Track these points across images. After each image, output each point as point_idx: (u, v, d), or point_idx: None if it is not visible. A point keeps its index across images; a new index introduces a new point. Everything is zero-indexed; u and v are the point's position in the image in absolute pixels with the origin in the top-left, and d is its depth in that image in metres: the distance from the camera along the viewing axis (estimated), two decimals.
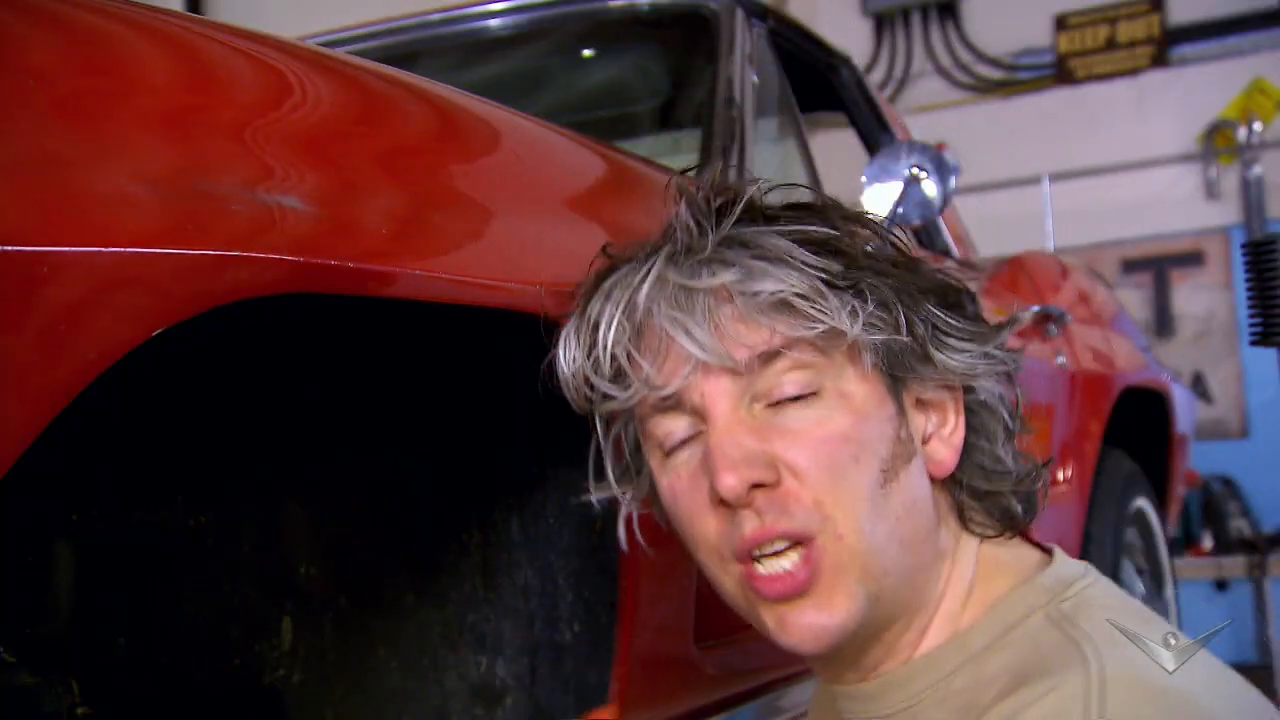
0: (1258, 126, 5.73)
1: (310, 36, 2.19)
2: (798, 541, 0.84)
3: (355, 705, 1.34)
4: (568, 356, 0.90)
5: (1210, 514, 5.54)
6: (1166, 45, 5.98)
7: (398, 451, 1.32)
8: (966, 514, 0.91)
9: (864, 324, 0.82)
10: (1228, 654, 3.90)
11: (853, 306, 0.82)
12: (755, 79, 1.94)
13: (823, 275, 0.82)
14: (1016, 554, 0.93)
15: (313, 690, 1.32)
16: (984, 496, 0.90)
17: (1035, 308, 2.64)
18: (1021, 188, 5.61)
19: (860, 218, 0.89)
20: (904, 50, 6.38)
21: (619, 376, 0.87)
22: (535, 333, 1.12)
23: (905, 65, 6.33)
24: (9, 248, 0.68)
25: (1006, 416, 0.91)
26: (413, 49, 2.32)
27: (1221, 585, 5.23)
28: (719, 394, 0.84)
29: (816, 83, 2.44)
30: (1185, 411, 3.53)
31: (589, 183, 1.36)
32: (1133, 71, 6.01)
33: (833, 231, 0.85)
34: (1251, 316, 2.17)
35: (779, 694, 1.58)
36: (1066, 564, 0.92)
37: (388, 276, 0.94)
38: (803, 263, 0.82)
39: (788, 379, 0.83)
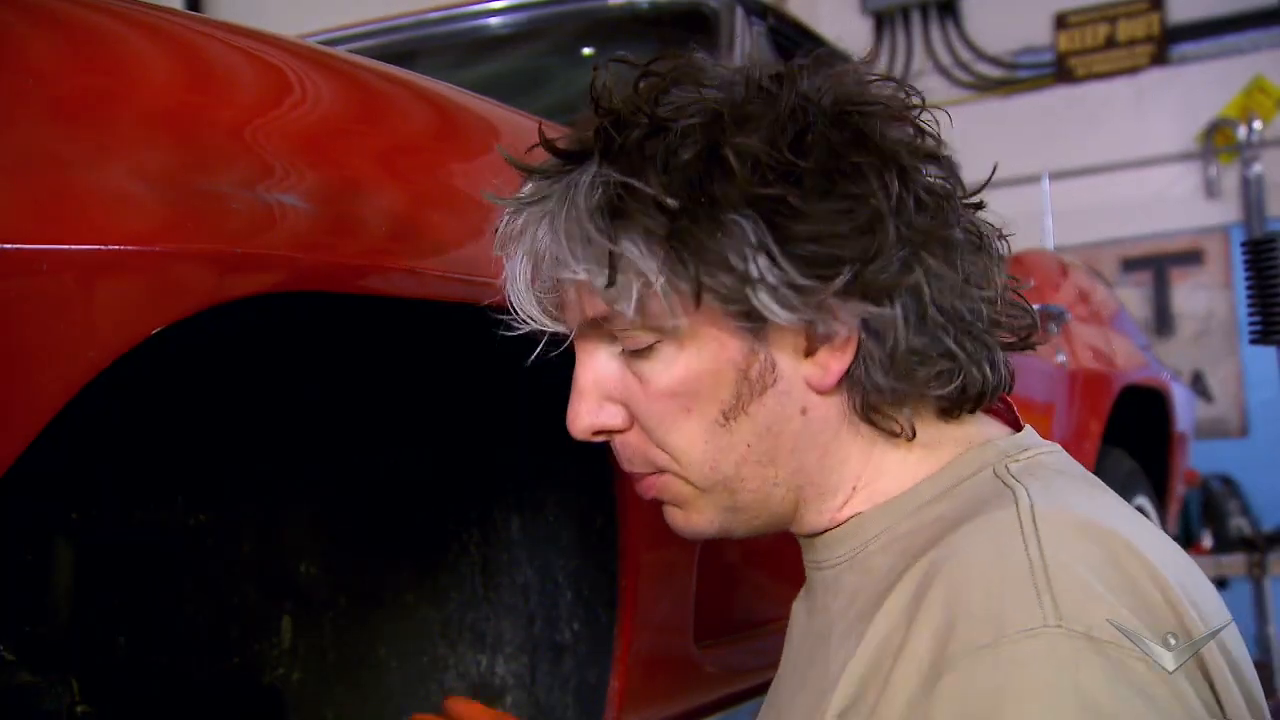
0: (1257, 125, 5.73)
1: (310, 35, 2.19)
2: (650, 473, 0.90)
3: (355, 704, 1.34)
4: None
5: (1210, 513, 5.54)
6: (1166, 44, 5.98)
7: (397, 451, 1.32)
8: (869, 412, 0.86)
9: (640, 303, 0.81)
10: None
11: (638, 285, 0.80)
12: None
13: (611, 250, 0.80)
14: (971, 429, 0.90)
15: (313, 689, 1.32)
16: (892, 394, 0.85)
17: (1036, 306, 2.63)
18: (1021, 186, 5.62)
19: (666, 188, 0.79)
20: (904, 48, 6.38)
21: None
22: (534, 330, 1.12)
23: (905, 63, 6.33)
24: (8, 245, 0.68)
25: (900, 330, 0.82)
26: (412, 47, 2.32)
27: (1221, 583, 5.21)
28: (581, 347, 0.89)
29: None
30: (1185, 410, 3.53)
31: None
32: (1132, 70, 6.02)
33: (647, 187, 0.79)
34: (1251, 315, 2.17)
35: None
36: (1033, 436, 0.91)
37: (387, 274, 0.94)
38: (592, 241, 0.80)
39: (621, 337, 0.86)
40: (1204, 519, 5.51)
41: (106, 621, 1.14)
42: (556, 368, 1.17)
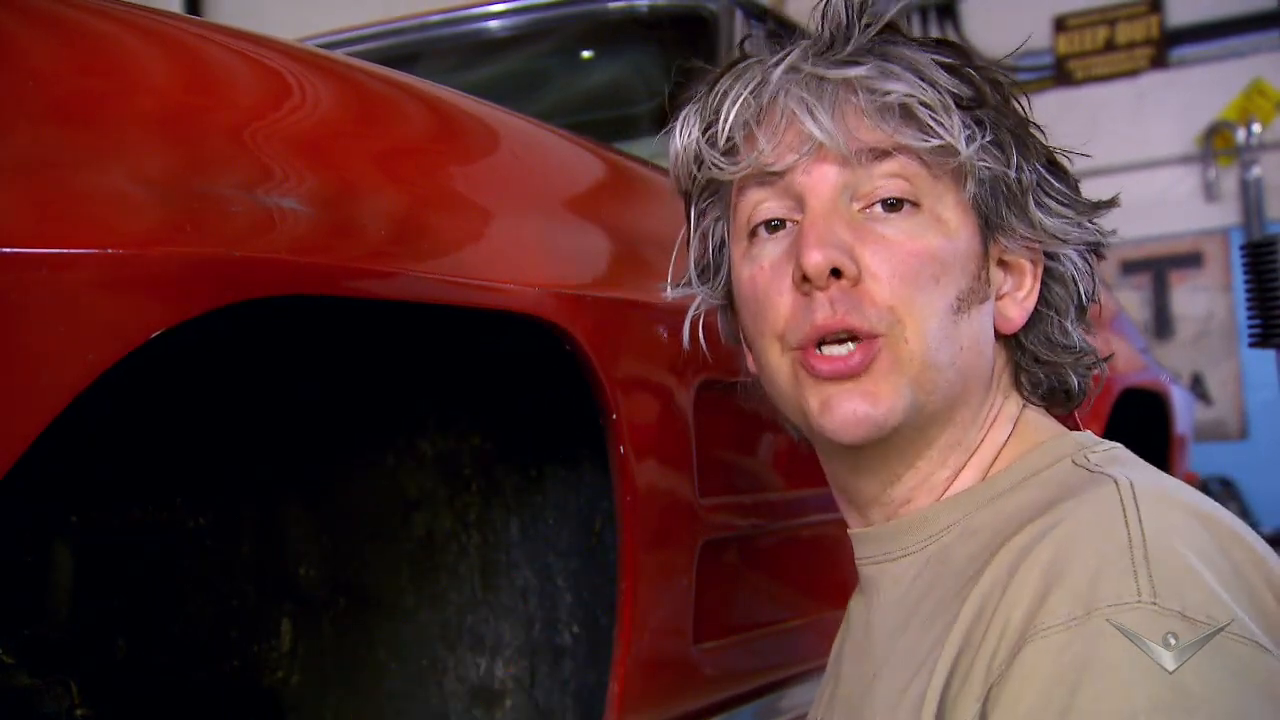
0: (1257, 128, 5.74)
1: (309, 38, 2.20)
2: (863, 337, 0.87)
3: (354, 707, 1.34)
4: (684, 130, 0.94)
5: None
6: (1165, 47, 5.98)
7: (397, 452, 1.32)
8: (1020, 376, 0.94)
9: (978, 151, 0.86)
10: None
11: (971, 131, 0.85)
12: None
13: (950, 93, 0.85)
14: (1054, 423, 0.95)
15: (312, 692, 1.32)
16: (1043, 364, 0.93)
17: None
18: None
19: (989, 68, 0.91)
20: None
21: (731, 152, 0.91)
22: (534, 334, 1.12)
23: None
24: (9, 249, 0.68)
25: (1081, 294, 0.93)
26: (412, 50, 2.32)
27: None
28: (823, 179, 0.87)
29: None
30: (1184, 413, 3.53)
31: (588, 184, 1.36)
32: (1132, 73, 6.02)
33: (967, 63, 0.88)
34: (1251, 318, 2.17)
35: (779, 695, 1.58)
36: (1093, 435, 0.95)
37: (386, 278, 0.95)
38: (933, 78, 0.85)
39: (890, 182, 0.87)
40: None
41: (106, 622, 1.14)
42: (557, 369, 1.18)
